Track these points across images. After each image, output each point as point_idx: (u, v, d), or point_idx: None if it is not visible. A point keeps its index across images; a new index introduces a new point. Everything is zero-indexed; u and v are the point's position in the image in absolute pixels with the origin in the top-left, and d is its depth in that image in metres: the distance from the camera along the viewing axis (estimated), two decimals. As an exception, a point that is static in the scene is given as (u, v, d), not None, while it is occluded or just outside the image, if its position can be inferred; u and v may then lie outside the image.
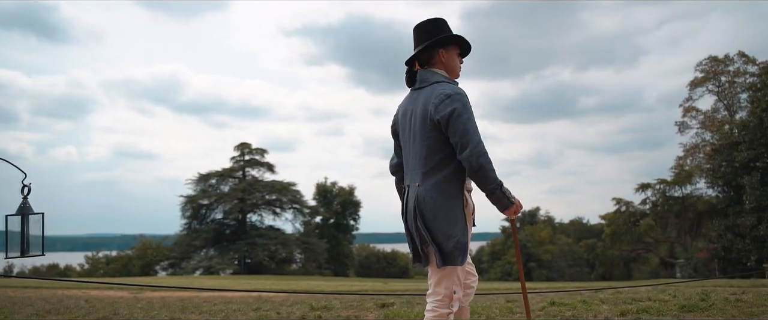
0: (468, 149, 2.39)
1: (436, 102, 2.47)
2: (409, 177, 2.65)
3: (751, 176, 27.87)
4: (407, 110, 2.68)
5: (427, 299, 2.61)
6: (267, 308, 6.04)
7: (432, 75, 2.63)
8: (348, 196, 49.56)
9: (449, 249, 2.46)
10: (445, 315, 2.52)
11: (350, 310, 5.67)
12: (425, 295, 2.67)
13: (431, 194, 2.49)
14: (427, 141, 2.52)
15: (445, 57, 2.67)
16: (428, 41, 2.64)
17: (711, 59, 35.70)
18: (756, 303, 5.75)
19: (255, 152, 45.11)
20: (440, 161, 2.51)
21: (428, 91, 2.57)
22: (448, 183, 2.51)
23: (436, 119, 2.47)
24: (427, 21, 2.71)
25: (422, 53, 2.67)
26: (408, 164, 2.66)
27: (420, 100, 2.59)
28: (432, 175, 2.51)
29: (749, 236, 27.25)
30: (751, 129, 28.27)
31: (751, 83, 31.57)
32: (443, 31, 2.68)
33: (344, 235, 49.50)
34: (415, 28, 2.72)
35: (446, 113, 2.43)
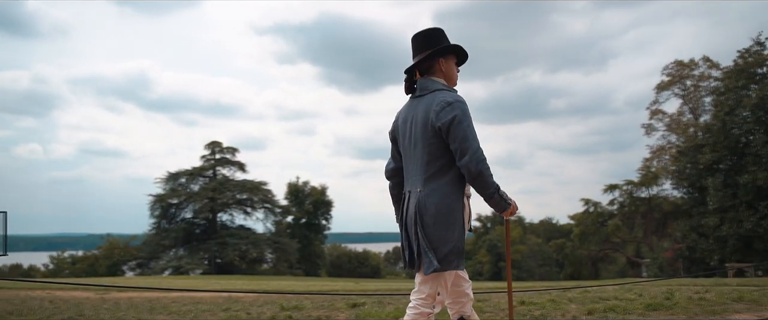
0: (467, 156, 2.46)
1: (437, 110, 2.54)
2: (409, 183, 2.70)
3: (714, 178, 28.61)
4: (407, 117, 2.73)
5: (412, 296, 2.66)
6: (237, 308, 5.99)
7: (432, 83, 2.69)
8: (320, 196, 49.39)
9: (445, 254, 2.51)
10: (426, 314, 2.59)
11: (321, 310, 5.66)
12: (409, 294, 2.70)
13: (433, 200, 2.55)
14: (428, 148, 2.58)
15: (444, 66, 2.74)
16: (428, 51, 2.70)
17: (677, 63, 36.52)
18: (718, 302, 5.91)
19: (226, 151, 44.67)
20: (441, 167, 2.57)
21: (429, 98, 2.62)
22: (449, 189, 2.57)
23: (437, 126, 2.53)
24: (426, 31, 2.76)
25: (422, 62, 2.72)
26: (408, 169, 2.72)
27: (420, 107, 2.64)
28: (433, 181, 2.57)
29: (712, 236, 27.96)
30: (715, 132, 29.03)
31: (715, 87, 32.40)
32: (442, 40, 2.74)
33: (316, 235, 49.33)
34: (413, 37, 2.78)
35: (447, 120, 2.50)
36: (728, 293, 6.89)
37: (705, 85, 35.45)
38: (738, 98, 28.25)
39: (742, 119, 28.46)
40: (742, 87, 28.52)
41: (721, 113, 28.94)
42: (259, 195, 43.78)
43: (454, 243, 2.53)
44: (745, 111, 27.93)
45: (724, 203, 27.74)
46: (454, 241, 2.53)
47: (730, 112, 28.38)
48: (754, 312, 5.25)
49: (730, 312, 5.22)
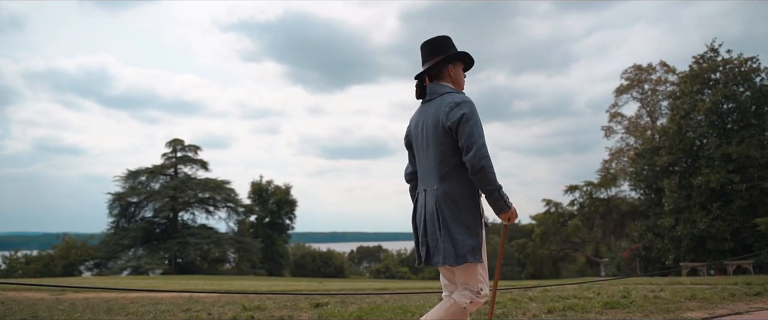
0: (472, 151, 2.56)
1: (446, 110, 2.66)
2: (424, 182, 2.81)
3: (670, 180, 29.44)
4: (419, 121, 2.87)
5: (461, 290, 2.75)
6: (198, 309, 5.90)
7: (441, 88, 2.82)
8: (283, 195, 49.05)
9: (467, 249, 2.63)
10: (477, 303, 2.73)
11: (284, 310, 5.62)
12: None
13: (450, 197, 2.66)
14: (441, 147, 2.70)
15: (452, 72, 2.88)
16: (438, 58, 2.83)
17: (635, 68, 37.41)
18: (672, 300, 6.09)
19: (188, 149, 43.96)
20: (454, 165, 2.68)
21: (438, 101, 2.76)
22: (466, 187, 2.68)
23: (447, 126, 2.65)
24: (435, 39, 2.90)
25: (432, 69, 2.85)
26: (422, 170, 2.84)
27: (430, 110, 2.78)
28: (448, 179, 2.69)
29: (668, 236, 28.78)
30: (671, 135, 29.87)
31: (671, 91, 33.33)
32: (450, 48, 2.88)
33: (279, 234, 48.96)
34: (423, 45, 2.91)
35: (456, 118, 2.62)
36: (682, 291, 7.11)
37: (662, 89, 36.42)
38: (693, 102, 29.14)
39: (697, 123, 29.38)
40: (697, 92, 29.42)
41: (676, 117, 29.81)
42: (221, 194, 43.22)
43: (477, 237, 2.68)
44: (699, 115, 28.83)
45: (678, 204, 28.58)
46: (478, 236, 2.68)
47: (686, 116, 29.25)
48: (706, 310, 5.43)
49: (683, 310, 5.38)
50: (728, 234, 26.73)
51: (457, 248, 2.63)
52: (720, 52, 29.95)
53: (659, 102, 36.53)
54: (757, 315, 5.14)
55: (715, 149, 27.68)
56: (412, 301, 6.29)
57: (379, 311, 5.31)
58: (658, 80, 36.79)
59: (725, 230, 26.74)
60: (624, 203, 37.09)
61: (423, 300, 6.49)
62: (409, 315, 5.12)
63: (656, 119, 36.44)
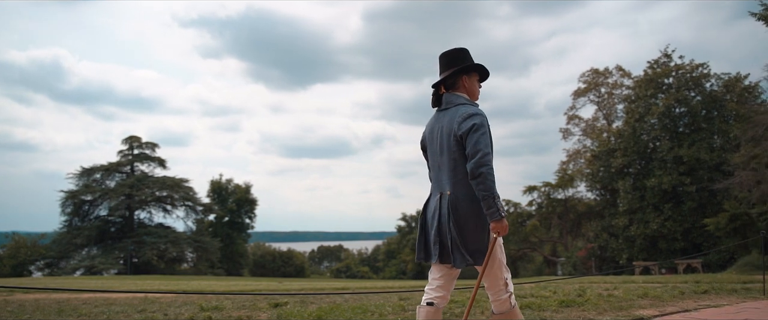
0: (475, 158, 2.71)
1: (459, 120, 2.82)
2: (437, 186, 2.97)
3: (625, 181, 30.22)
4: (434, 128, 3.02)
5: (489, 292, 2.98)
6: (153, 309, 5.78)
7: (456, 98, 2.97)
8: (244, 194, 48.49)
9: (476, 250, 2.81)
10: (507, 298, 2.94)
11: (242, 310, 5.55)
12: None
13: (463, 203, 2.81)
14: (453, 155, 2.85)
15: (467, 82, 3.02)
16: (454, 68, 2.98)
17: (592, 71, 38.19)
18: (625, 298, 6.25)
19: (145, 146, 43.04)
20: (466, 173, 2.79)
21: (452, 111, 2.91)
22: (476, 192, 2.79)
23: (459, 135, 2.81)
24: (453, 50, 3.05)
25: (448, 79, 3.00)
26: (436, 174, 3.00)
27: (445, 119, 2.93)
28: (462, 185, 2.83)
29: (622, 236, 29.53)
30: (626, 138, 30.65)
31: (626, 95, 34.18)
32: (466, 59, 3.02)
33: (239, 234, 48.38)
34: (441, 56, 3.06)
35: (467, 128, 2.77)
36: (634, 290, 7.32)
37: (618, 92, 37.26)
38: (647, 106, 29.96)
39: (650, 126, 30.24)
40: (651, 96, 30.27)
41: (631, 120, 30.60)
42: (179, 193, 42.44)
43: (482, 241, 2.82)
44: (652, 119, 29.67)
45: (632, 205, 29.36)
46: (483, 240, 2.82)
47: (640, 119, 30.07)
48: (657, 308, 5.60)
49: (635, 308, 5.54)
50: (679, 234, 27.59)
51: (472, 250, 2.81)
52: (673, 57, 30.89)
53: (615, 105, 37.36)
54: (705, 313, 5.33)
55: (667, 151, 28.54)
56: (371, 301, 6.30)
57: (339, 311, 5.30)
58: (614, 84, 37.65)
59: (676, 230, 27.59)
60: (581, 203, 37.86)
61: (383, 299, 6.50)
62: (368, 314, 5.13)
63: (612, 121, 37.30)
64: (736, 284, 8.62)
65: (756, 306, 5.84)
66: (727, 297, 6.67)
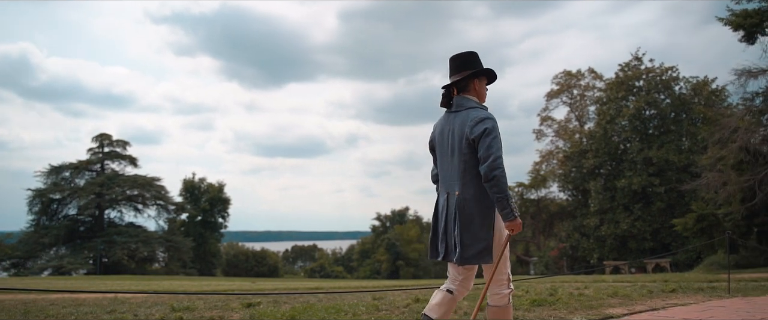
0: (488, 161, 2.81)
1: (471, 124, 2.90)
2: (446, 186, 3.07)
3: (596, 182, 30.67)
4: (444, 129, 3.11)
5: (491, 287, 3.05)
6: (123, 310, 5.69)
7: (466, 101, 3.06)
8: (217, 193, 47.99)
9: (478, 250, 2.90)
10: (507, 295, 3.05)
11: (214, 310, 5.50)
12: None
13: (470, 203, 2.92)
14: (464, 157, 2.94)
15: (477, 86, 3.11)
16: (466, 72, 3.08)
17: (565, 73, 38.67)
18: (595, 297, 6.35)
19: (116, 144, 42.30)
20: (476, 175, 2.92)
21: (464, 115, 2.99)
22: (484, 194, 2.91)
23: (471, 138, 2.89)
24: (464, 54, 3.15)
25: (460, 81, 3.09)
26: (445, 174, 3.09)
27: (457, 122, 3.02)
28: (470, 186, 2.93)
29: (593, 236, 29.97)
30: (597, 139, 31.11)
31: (598, 97, 34.70)
32: (477, 63, 3.12)
33: (212, 233, 47.85)
34: (452, 58, 3.15)
35: (479, 132, 2.86)
36: (605, 289, 7.43)
37: (590, 94, 37.80)
38: (618, 108, 30.47)
39: (621, 128, 30.75)
40: (622, 98, 30.79)
41: (603, 122, 31.08)
42: (151, 191, 41.81)
43: (488, 241, 2.91)
44: (623, 120, 30.18)
45: (603, 205, 29.82)
46: (487, 239, 2.91)
47: (611, 121, 30.56)
48: (626, 307, 5.70)
49: (605, 307, 5.63)
50: (648, 234, 28.11)
51: (464, 250, 2.90)
52: (643, 61, 31.46)
53: (587, 107, 37.88)
54: (672, 311, 5.44)
55: (637, 153, 29.05)
56: (345, 300, 6.30)
57: (313, 310, 5.28)
58: (587, 86, 38.16)
59: (645, 230, 28.11)
60: (553, 203, 38.31)
61: (357, 299, 6.50)
62: (342, 314, 5.12)
63: (584, 123, 37.80)
64: (702, 283, 8.81)
65: (721, 304, 5.98)
66: (694, 295, 6.82)
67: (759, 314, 5.13)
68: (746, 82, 18.67)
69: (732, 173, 18.54)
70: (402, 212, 54.88)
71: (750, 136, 18.08)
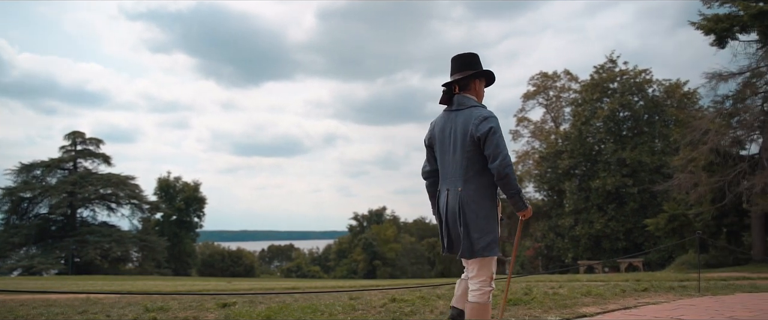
0: (498, 160, 2.95)
1: (476, 123, 3.02)
2: (447, 182, 3.17)
3: (571, 182, 31.03)
4: (445, 127, 3.20)
5: (471, 281, 3.15)
6: (95, 310, 5.60)
7: (467, 100, 3.17)
8: (192, 192, 47.52)
9: (487, 243, 3.03)
10: (488, 292, 3.10)
11: (189, 311, 5.45)
12: (462, 279, 3.27)
13: (474, 198, 3.04)
14: (467, 154, 3.06)
15: (478, 86, 3.26)
16: (468, 72, 3.20)
17: (541, 75, 39.03)
18: (569, 296, 6.43)
19: (89, 142, 41.56)
20: (478, 170, 3.06)
21: (467, 113, 3.10)
22: (487, 188, 3.08)
23: (476, 136, 3.01)
24: (466, 54, 3.27)
25: (461, 80, 3.21)
26: (446, 171, 3.19)
27: (459, 120, 3.12)
28: (472, 181, 3.06)
29: (567, 236, 30.32)
30: (572, 140, 31.48)
31: (574, 98, 35.11)
32: (478, 64, 3.26)
33: (187, 233, 47.36)
34: (454, 58, 3.27)
35: (485, 131, 2.98)
36: (579, 288, 7.53)
37: (565, 96, 38.21)
38: (593, 109, 30.87)
39: (596, 129, 31.16)
40: (597, 100, 31.20)
41: (578, 123, 31.46)
42: (125, 190, 41.17)
43: (493, 233, 3.05)
44: (598, 122, 30.60)
45: (578, 205, 30.19)
46: (493, 232, 3.05)
47: (586, 122, 30.95)
48: (599, 305, 5.79)
49: (579, 306, 5.70)
50: (621, 234, 28.53)
51: (473, 244, 3.02)
52: (618, 63, 31.93)
53: (563, 108, 38.26)
54: (644, 310, 5.54)
55: (611, 154, 29.47)
56: (322, 300, 6.28)
57: (288, 310, 5.26)
58: (562, 88, 38.57)
59: (619, 230, 28.52)
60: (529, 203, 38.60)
61: (333, 299, 6.49)
62: (318, 314, 5.11)
63: (560, 124, 38.19)
64: (673, 282, 8.98)
65: (691, 303, 6.10)
66: (665, 294, 6.94)
67: (727, 312, 5.25)
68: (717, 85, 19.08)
69: (703, 175, 18.91)
70: (379, 211, 54.91)
71: (720, 138, 18.47)
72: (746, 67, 18.57)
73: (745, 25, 18.35)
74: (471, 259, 3.11)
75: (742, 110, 18.79)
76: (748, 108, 18.71)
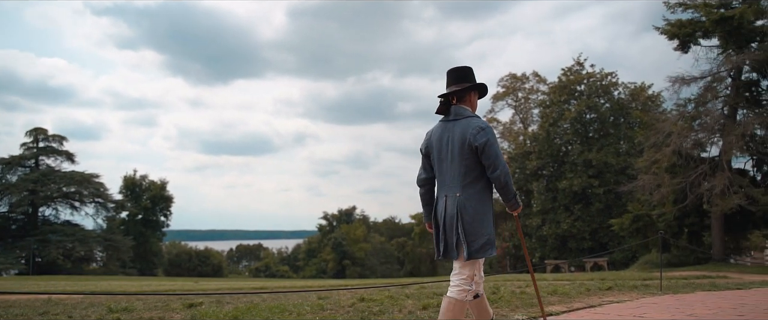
0: (498, 170, 3.15)
1: (473, 133, 3.18)
2: (445, 189, 3.30)
3: (539, 183, 31.44)
4: (442, 136, 3.33)
5: (452, 278, 3.27)
6: (57, 311, 5.47)
7: (464, 110, 3.33)
8: (159, 190, 46.78)
9: (481, 245, 3.16)
10: (466, 290, 3.21)
11: (154, 311, 5.36)
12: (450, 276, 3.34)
13: (471, 203, 3.19)
14: (465, 162, 3.20)
15: (472, 97, 3.42)
16: (465, 84, 3.36)
17: (510, 76, 39.43)
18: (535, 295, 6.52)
19: (52, 139, 40.56)
20: (475, 177, 3.22)
21: (464, 123, 3.25)
22: (483, 194, 3.24)
23: (474, 146, 3.16)
24: (462, 67, 3.45)
25: (459, 92, 3.35)
26: (444, 178, 3.32)
27: (457, 129, 3.26)
28: (470, 188, 3.21)
29: (535, 235, 30.71)
30: (540, 141, 31.90)
31: (542, 100, 35.57)
32: (473, 76, 3.43)
33: (153, 232, 46.60)
34: (450, 71, 3.43)
35: (483, 141, 3.15)
36: (545, 287, 7.64)
37: (534, 97, 38.66)
38: (560, 111, 31.33)
39: (563, 131, 31.63)
40: (564, 102, 31.67)
41: (546, 124, 31.89)
42: (89, 188, 40.27)
43: (488, 236, 3.19)
44: (565, 123, 31.07)
45: (545, 205, 30.60)
46: (489, 234, 3.20)
47: (554, 123, 31.40)
48: (565, 304, 5.88)
49: (545, 305, 5.78)
50: (587, 234, 29.02)
51: (469, 246, 3.14)
52: (585, 66, 32.46)
53: (531, 110, 38.71)
54: (608, 308, 5.65)
55: (578, 155, 29.94)
56: (290, 300, 6.25)
57: (256, 310, 5.22)
58: (531, 89, 39.00)
59: (585, 230, 29.00)
60: (497, 203, 38.90)
61: (301, 298, 6.46)
62: (286, 314, 5.08)
63: (528, 125, 38.63)
64: (637, 281, 9.17)
65: (653, 301, 6.24)
66: (629, 293, 7.09)
67: (688, 310, 5.39)
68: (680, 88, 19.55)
69: (665, 176, 19.34)
70: (349, 211, 54.85)
71: (682, 140, 18.91)
72: (708, 72, 19.07)
73: (707, 30, 18.86)
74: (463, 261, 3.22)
75: (704, 113, 19.28)
76: (709, 111, 19.21)
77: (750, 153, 19.14)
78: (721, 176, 17.59)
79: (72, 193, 39.99)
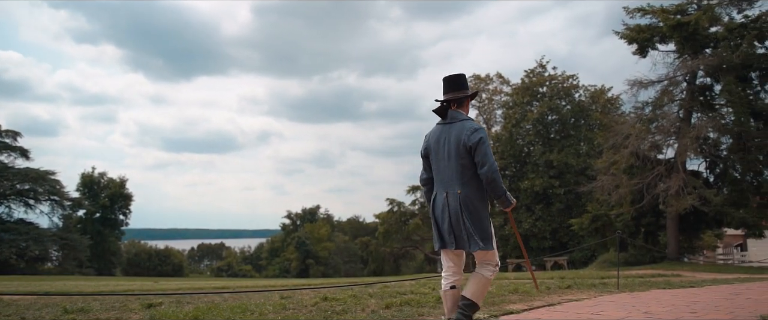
0: (486, 167, 3.44)
1: (468, 133, 3.50)
2: (444, 186, 3.60)
3: (502, 183, 31.83)
4: (440, 137, 3.66)
5: (485, 266, 3.67)
6: (9, 313, 5.30)
7: (459, 114, 3.69)
8: (118, 188, 45.75)
9: (484, 236, 3.51)
10: (495, 271, 3.68)
11: (111, 312, 5.24)
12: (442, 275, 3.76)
13: (471, 199, 3.50)
14: (461, 161, 3.52)
15: (468, 103, 3.81)
16: (464, 92, 3.74)
17: (475, 77, 39.73)
18: (498, 294, 6.60)
19: (5, 135, 39.20)
20: (472, 176, 3.52)
21: (459, 126, 3.58)
22: (481, 191, 3.54)
23: (468, 146, 3.48)
24: (459, 75, 3.80)
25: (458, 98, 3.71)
26: (443, 177, 3.62)
27: (453, 131, 3.59)
28: (469, 185, 3.51)
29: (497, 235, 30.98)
30: (503, 142, 32.29)
31: (505, 101, 35.99)
32: (467, 84, 3.82)
33: (112, 231, 45.54)
34: (446, 78, 3.77)
35: (475, 141, 3.47)
36: (507, 286, 7.74)
37: (497, 98, 39.04)
38: (523, 112, 31.78)
39: (526, 132, 32.09)
40: (527, 103, 32.13)
41: (509, 125, 32.32)
42: (44, 186, 39.09)
43: (489, 229, 3.55)
44: (528, 124, 31.52)
45: (507, 205, 30.99)
46: (489, 228, 3.55)
47: (516, 124, 31.83)
48: (526, 303, 5.97)
49: (506, 303, 5.86)
50: (548, 233, 29.51)
51: (480, 241, 3.48)
52: (547, 68, 32.97)
53: (495, 111, 39.05)
54: (567, 306, 5.75)
55: (540, 156, 30.43)
56: (252, 300, 6.19)
57: (217, 310, 5.15)
58: (495, 90, 39.37)
59: (546, 229, 29.49)
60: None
61: (264, 298, 6.41)
62: (248, 314, 5.03)
63: (491, 126, 39.01)
64: (595, 279, 9.36)
65: (611, 299, 6.39)
66: (587, 291, 7.24)
67: (643, 308, 5.53)
68: (638, 92, 20.07)
69: (623, 177, 19.82)
70: (313, 210, 54.61)
71: (640, 142, 19.40)
72: (664, 76, 19.62)
73: (664, 36, 19.40)
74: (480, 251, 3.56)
75: (660, 116, 19.83)
76: (665, 114, 19.76)
77: (703, 155, 19.74)
78: (677, 177, 18.11)
79: (26, 190, 38.76)
